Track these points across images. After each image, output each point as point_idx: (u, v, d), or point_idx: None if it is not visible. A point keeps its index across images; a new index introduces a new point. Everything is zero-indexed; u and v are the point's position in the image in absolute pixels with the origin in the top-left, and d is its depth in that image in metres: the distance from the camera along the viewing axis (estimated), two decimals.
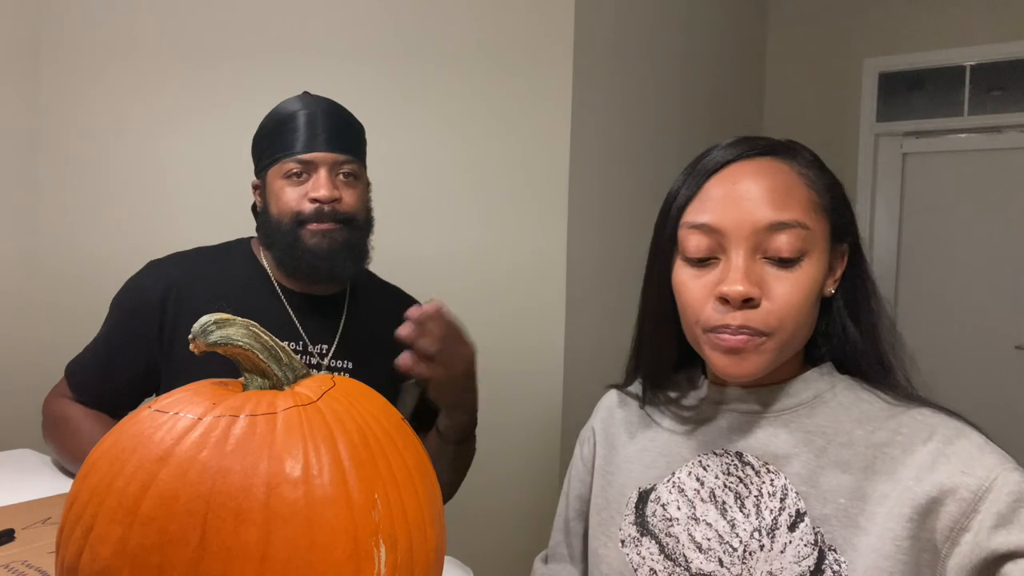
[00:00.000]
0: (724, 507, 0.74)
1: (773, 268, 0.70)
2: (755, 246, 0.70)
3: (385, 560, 0.47)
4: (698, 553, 0.74)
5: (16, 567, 0.84)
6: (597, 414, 0.92)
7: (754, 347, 0.70)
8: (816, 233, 0.71)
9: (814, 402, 0.74)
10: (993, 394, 3.06)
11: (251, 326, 0.54)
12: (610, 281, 2.46)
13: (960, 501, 0.64)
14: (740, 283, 0.69)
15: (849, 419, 0.73)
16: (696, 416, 0.81)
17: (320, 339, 1.14)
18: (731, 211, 0.71)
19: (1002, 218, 3.15)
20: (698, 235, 0.73)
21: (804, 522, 0.70)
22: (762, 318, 0.69)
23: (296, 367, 0.56)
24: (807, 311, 0.71)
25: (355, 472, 0.48)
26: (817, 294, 0.72)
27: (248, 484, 0.44)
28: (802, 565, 0.69)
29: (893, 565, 0.65)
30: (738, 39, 3.27)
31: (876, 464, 0.69)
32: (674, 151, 2.77)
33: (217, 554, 0.43)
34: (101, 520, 0.45)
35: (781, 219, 0.69)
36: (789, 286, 0.69)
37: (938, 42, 3.21)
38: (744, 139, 0.76)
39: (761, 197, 0.70)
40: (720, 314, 0.71)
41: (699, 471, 0.77)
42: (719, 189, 0.72)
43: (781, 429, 0.74)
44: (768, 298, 0.70)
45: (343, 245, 1.11)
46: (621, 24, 2.41)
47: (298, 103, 1.14)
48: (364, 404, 0.55)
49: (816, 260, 0.71)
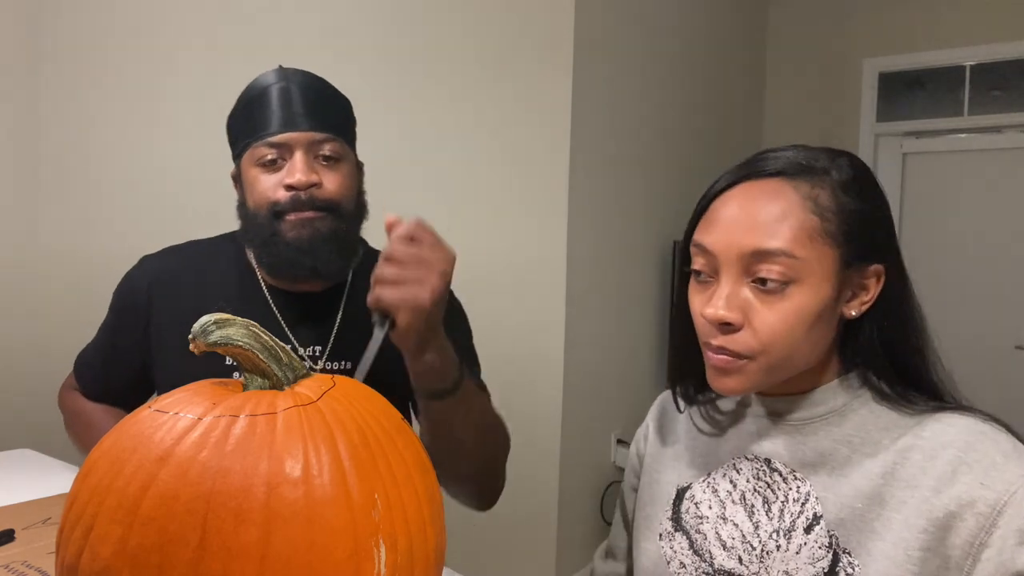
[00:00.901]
0: (752, 509, 0.76)
1: (760, 293, 0.70)
2: (743, 270, 0.71)
3: (385, 560, 0.47)
4: (722, 551, 0.77)
5: (16, 567, 0.84)
6: (652, 413, 0.94)
7: (736, 368, 0.71)
8: (808, 262, 0.69)
9: (842, 410, 0.75)
10: (993, 394, 3.05)
11: (251, 326, 0.54)
12: (610, 280, 2.46)
13: (978, 515, 0.64)
14: (720, 308, 0.70)
15: (877, 428, 0.73)
16: (730, 421, 0.83)
17: (312, 341, 1.05)
18: (723, 235, 0.72)
19: (1002, 218, 3.15)
20: (699, 254, 0.75)
21: (820, 525, 0.71)
22: (743, 342, 0.70)
23: (296, 367, 0.56)
24: (799, 337, 0.70)
25: (355, 472, 0.48)
26: (813, 320, 0.70)
27: (248, 484, 0.44)
28: (816, 566, 0.70)
29: (903, 574, 0.66)
30: (738, 39, 3.27)
31: (897, 470, 0.69)
32: (674, 151, 2.77)
33: (217, 554, 0.43)
34: (101, 520, 0.45)
35: (765, 247, 0.69)
36: (772, 314, 0.70)
37: (938, 42, 3.21)
38: (759, 156, 0.75)
39: (750, 223, 0.70)
40: (706, 333, 0.73)
41: (733, 474, 0.79)
42: (720, 211, 0.73)
43: (809, 438, 0.75)
44: (750, 323, 0.70)
45: (326, 236, 0.97)
46: (621, 25, 2.41)
47: (271, 77, 1.01)
48: (364, 404, 0.55)
49: (810, 288, 0.70)
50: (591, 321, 2.36)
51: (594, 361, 2.39)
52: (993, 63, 3.12)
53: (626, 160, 2.50)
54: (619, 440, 2.55)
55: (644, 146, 2.60)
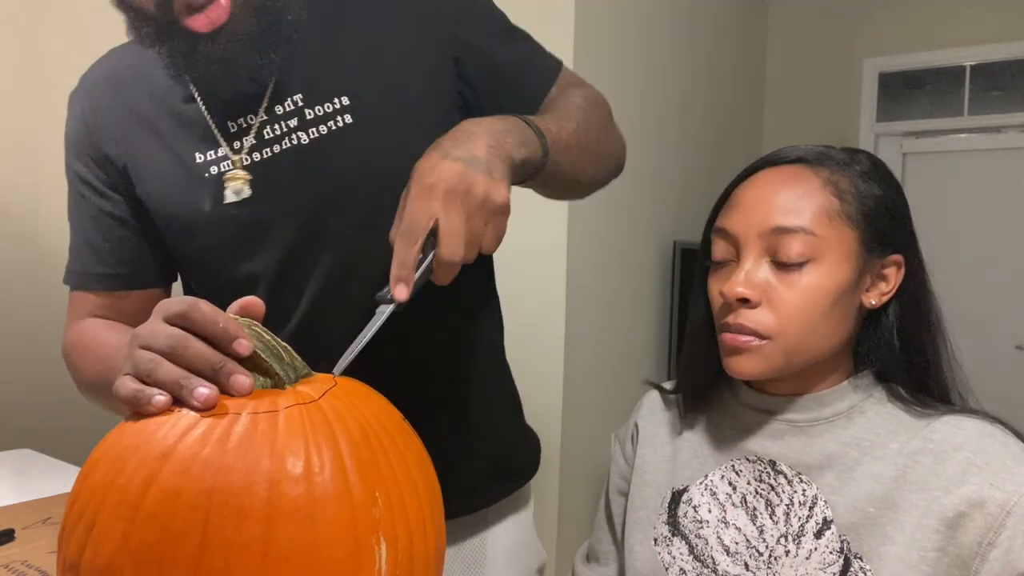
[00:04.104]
0: (755, 513, 0.75)
1: (779, 272, 0.71)
2: (764, 249, 0.72)
3: (386, 557, 0.48)
4: (726, 556, 0.75)
5: (16, 567, 0.85)
6: (639, 412, 0.93)
7: (754, 348, 0.71)
8: (828, 240, 0.70)
9: (850, 413, 0.74)
10: (993, 394, 3.06)
11: (253, 325, 0.55)
12: (610, 280, 2.46)
13: (987, 515, 0.64)
14: (739, 284, 0.71)
15: (885, 431, 0.72)
16: (732, 421, 0.81)
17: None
18: (744, 215, 0.73)
19: (1002, 218, 3.15)
20: (719, 240, 0.76)
21: (831, 530, 0.70)
22: (761, 320, 0.70)
23: (297, 366, 0.57)
24: (817, 318, 0.70)
25: (356, 470, 0.48)
26: (832, 301, 0.71)
27: (250, 481, 0.44)
28: (827, 572, 0.70)
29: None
30: (738, 39, 3.27)
31: (908, 473, 0.69)
32: (674, 151, 2.77)
33: (219, 551, 0.43)
34: (103, 517, 0.45)
35: (784, 224, 0.70)
36: (791, 291, 0.70)
37: (938, 42, 3.21)
38: (778, 150, 0.77)
39: (773, 203, 0.71)
40: (723, 313, 0.73)
41: (732, 475, 0.78)
42: (742, 195, 0.75)
43: (816, 440, 0.74)
44: (769, 302, 0.71)
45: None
46: (620, 23, 2.42)
47: None
48: (365, 403, 0.55)
49: (829, 267, 0.70)
50: (591, 321, 2.36)
51: (594, 361, 2.39)
52: (993, 63, 3.13)
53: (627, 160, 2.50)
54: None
55: (644, 146, 2.60)
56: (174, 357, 0.51)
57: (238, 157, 0.79)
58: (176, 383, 0.50)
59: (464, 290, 0.75)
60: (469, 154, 0.62)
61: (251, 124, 0.80)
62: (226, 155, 0.80)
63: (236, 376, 0.51)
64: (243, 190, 0.79)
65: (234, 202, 0.79)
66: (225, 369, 0.51)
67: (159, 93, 0.83)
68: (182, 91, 0.81)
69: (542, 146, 0.71)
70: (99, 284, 0.86)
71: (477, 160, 0.62)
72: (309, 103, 0.79)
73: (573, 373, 2.28)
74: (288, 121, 0.79)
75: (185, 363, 0.51)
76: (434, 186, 0.60)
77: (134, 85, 0.85)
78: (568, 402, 2.28)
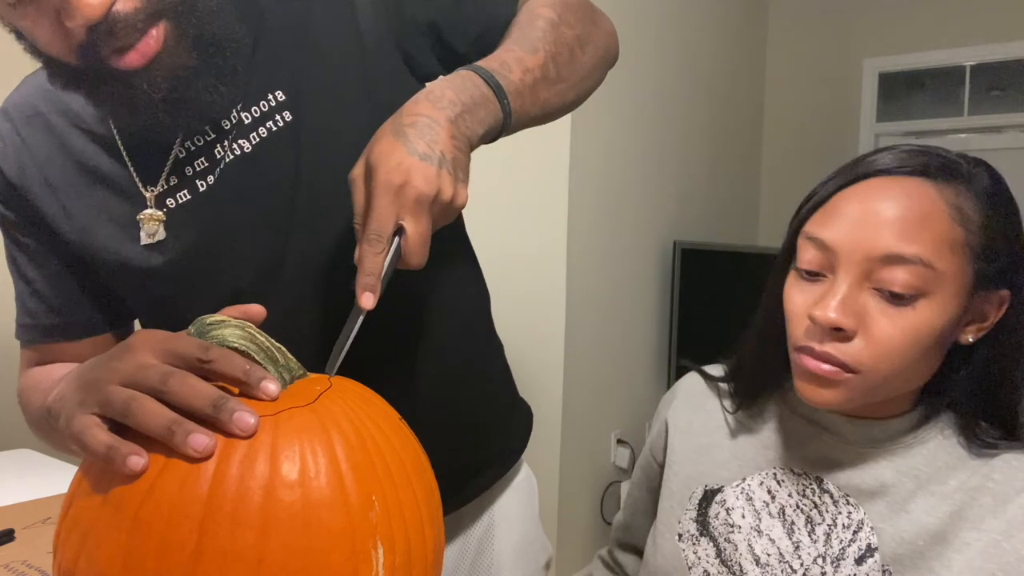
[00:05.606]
0: (792, 527, 0.71)
1: (881, 302, 0.63)
2: (865, 273, 0.63)
3: (383, 562, 0.47)
4: (755, 566, 0.72)
5: (16, 567, 0.85)
6: (675, 398, 0.86)
7: (838, 381, 0.64)
8: (944, 275, 0.62)
9: (912, 441, 0.69)
10: None
11: (247, 327, 0.54)
12: (610, 281, 2.46)
13: None
14: (833, 310, 0.62)
15: (946, 464, 0.68)
16: (781, 426, 0.76)
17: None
18: (850, 231, 0.64)
19: None
20: (812, 249, 0.67)
21: (873, 558, 0.67)
22: (853, 353, 0.63)
23: (292, 368, 0.56)
24: (914, 357, 0.63)
25: (352, 474, 0.48)
26: (933, 341, 0.63)
27: (245, 487, 0.44)
28: None
29: None
30: (738, 39, 3.27)
31: (964, 511, 0.65)
32: (674, 151, 2.77)
33: (214, 558, 0.43)
34: (98, 525, 0.45)
35: (900, 251, 0.61)
36: (894, 327, 0.62)
37: (938, 42, 3.21)
38: (904, 151, 0.67)
39: (886, 222, 0.62)
40: (808, 335, 0.65)
41: (772, 484, 0.74)
42: (847, 204, 0.65)
43: (871, 464, 0.69)
44: (865, 333, 0.63)
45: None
46: (621, 23, 2.41)
47: None
48: (361, 405, 0.54)
49: (939, 304, 0.62)
50: (591, 321, 2.36)
51: (594, 361, 2.39)
52: (993, 63, 3.13)
53: (626, 160, 2.50)
54: (619, 440, 2.55)
55: (644, 146, 2.60)
56: (164, 395, 0.46)
57: (178, 194, 0.72)
58: (166, 428, 0.45)
59: (440, 265, 0.71)
60: (436, 152, 0.59)
61: (193, 148, 0.73)
62: (163, 197, 0.72)
63: (240, 414, 0.46)
64: (179, 232, 0.72)
65: (159, 243, 0.72)
66: (228, 407, 0.46)
67: (85, 128, 0.75)
68: (105, 130, 0.74)
69: (503, 107, 0.67)
70: (50, 337, 0.81)
71: (444, 160, 0.59)
72: (246, 106, 0.73)
73: (573, 373, 2.28)
74: (230, 136, 0.73)
75: (178, 401, 0.46)
76: (403, 190, 0.58)
77: (55, 117, 0.76)
78: (568, 402, 2.28)
